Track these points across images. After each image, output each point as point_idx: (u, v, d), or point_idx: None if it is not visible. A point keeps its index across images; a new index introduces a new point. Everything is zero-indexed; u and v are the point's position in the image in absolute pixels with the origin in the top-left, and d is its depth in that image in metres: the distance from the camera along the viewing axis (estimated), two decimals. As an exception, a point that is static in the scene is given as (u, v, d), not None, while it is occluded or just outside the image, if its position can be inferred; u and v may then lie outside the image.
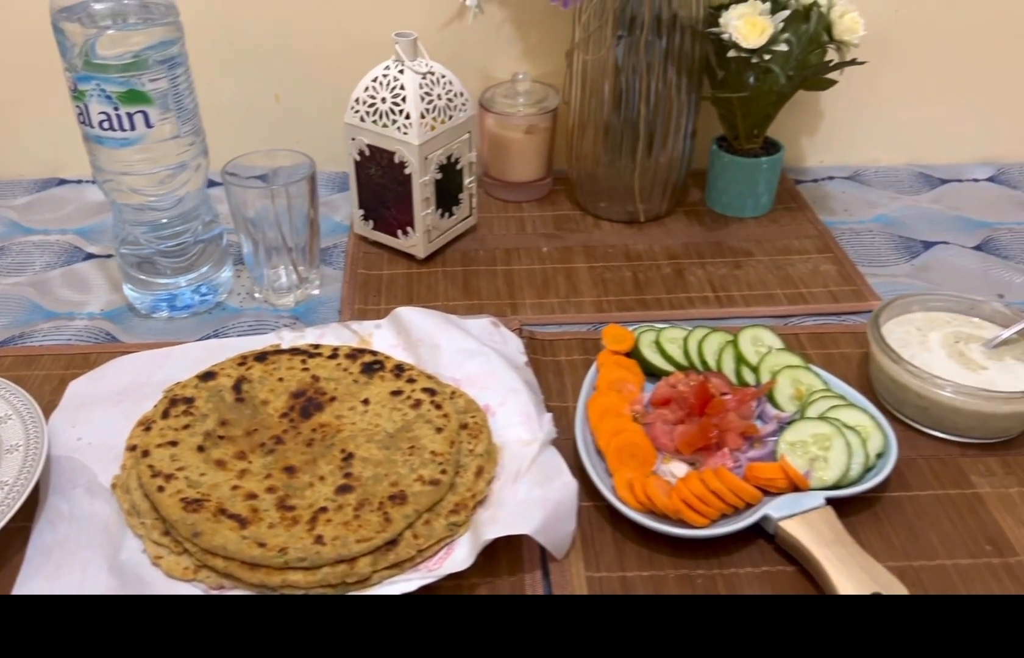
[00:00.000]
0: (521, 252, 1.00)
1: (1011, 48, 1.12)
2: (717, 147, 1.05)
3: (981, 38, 1.12)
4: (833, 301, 0.91)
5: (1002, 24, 1.11)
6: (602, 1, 0.93)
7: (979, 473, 0.71)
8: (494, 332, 0.82)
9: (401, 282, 0.95)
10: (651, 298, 0.92)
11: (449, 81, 0.93)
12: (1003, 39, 1.12)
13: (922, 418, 0.74)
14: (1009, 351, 0.77)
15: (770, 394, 0.74)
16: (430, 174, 0.92)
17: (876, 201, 1.10)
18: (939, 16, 1.10)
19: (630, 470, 0.68)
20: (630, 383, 0.76)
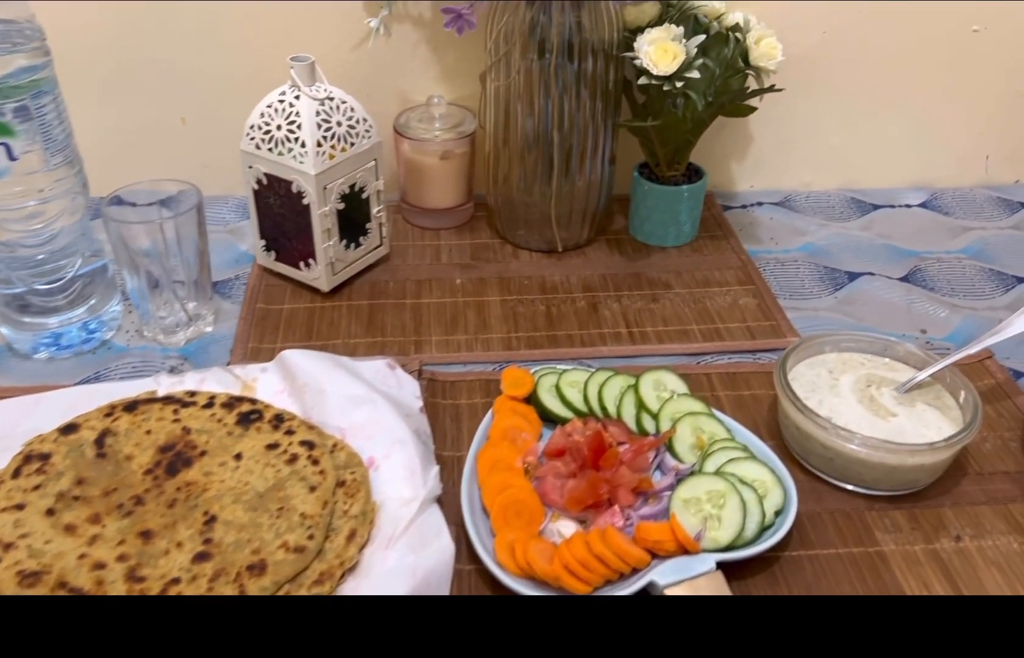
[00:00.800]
0: (433, 284, 0.96)
1: (944, 71, 1.10)
2: (638, 174, 1.02)
3: (913, 60, 1.09)
4: (749, 337, 0.88)
5: (934, 46, 1.08)
6: (511, 23, 0.89)
7: (884, 528, 0.67)
8: (389, 375, 0.78)
9: (302, 317, 0.90)
10: (562, 334, 0.88)
11: (350, 107, 0.88)
12: (936, 62, 1.09)
13: (828, 469, 0.70)
14: (922, 395, 0.74)
15: (670, 443, 0.71)
16: (331, 204, 0.88)
17: (804, 228, 1.07)
18: (868, 39, 1.07)
19: (515, 530, 0.64)
20: (525, 432, 0.72)
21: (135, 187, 0.83)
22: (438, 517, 0.65)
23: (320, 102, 0.86)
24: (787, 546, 0.65)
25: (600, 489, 0.65)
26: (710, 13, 0.97)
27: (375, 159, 0.92)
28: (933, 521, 0.68)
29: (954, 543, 0.66)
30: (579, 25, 0.89)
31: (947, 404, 0.73)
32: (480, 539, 0.63)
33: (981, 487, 0.71)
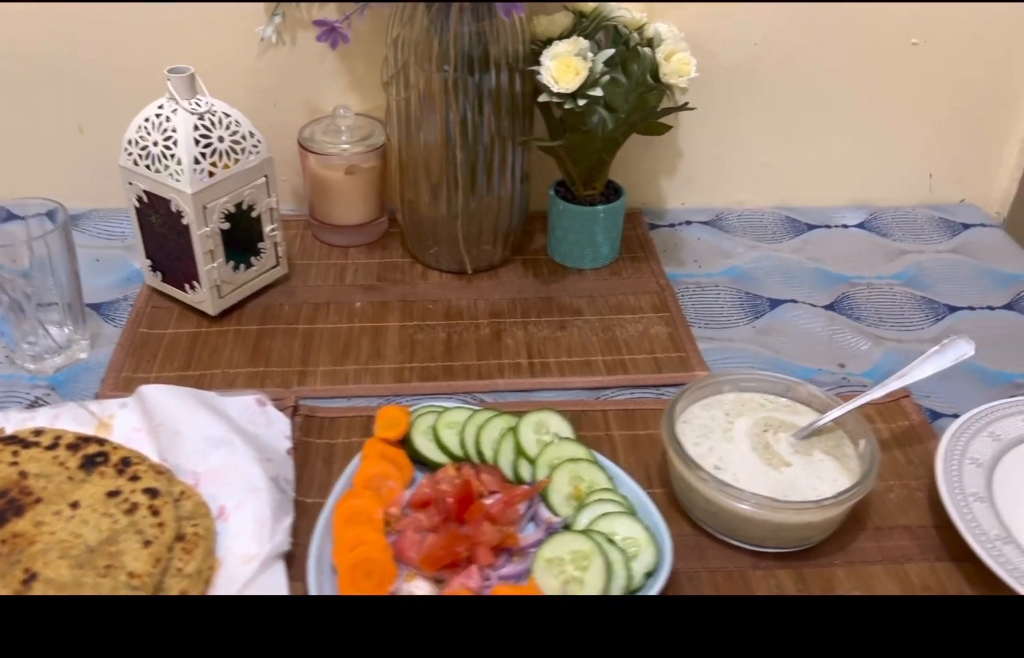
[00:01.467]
0: (331, 307, 0.91)
1: (883, 85, 1.05)
2: (554, 193, 0.96)
3: (851, 74, 1.04)
4: (656, 370, 0.83)
5: (872, 59, 1.03)
6: (407, 32, 0.84)
7: (768, 589, 0.62)
8: (258, 412, 0.73)
9: (184, 344, 0.85)
10: (459, 365, 0.83)
11: (235, 120, 0.83)
12: (875, 76, 1.04)
13: (713, 523, 0.66)
14: (821, 442, 0.69)
15: (545, 493, 0.66)
16: (213, 224, 0.83)
17: (731, 250, 1.02)
18: (802, 51, 1.02)
19: (364, 592, 0.59)
20: (392, 479, 0.67)
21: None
22: (279, 577, 0.60)
23: (199, 116, 0.81)
24: (658, 611, 0.60)
25: (457, 547, 0.60)
26: (630, 24, 0.92)
27: (265, 175, 0.87)
28: (821, 582, 0.63)
29: (841, 609, 0.61)
30: (480, 36, 0.84)
31: (846, 453, 0.68)
32: (322, 602, 0.58)
33: (878, 543, 0.66)
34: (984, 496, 0.65)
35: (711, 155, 1.08)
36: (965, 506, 0.64)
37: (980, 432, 0.71)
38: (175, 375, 0.81)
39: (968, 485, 0.66)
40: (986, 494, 0.65)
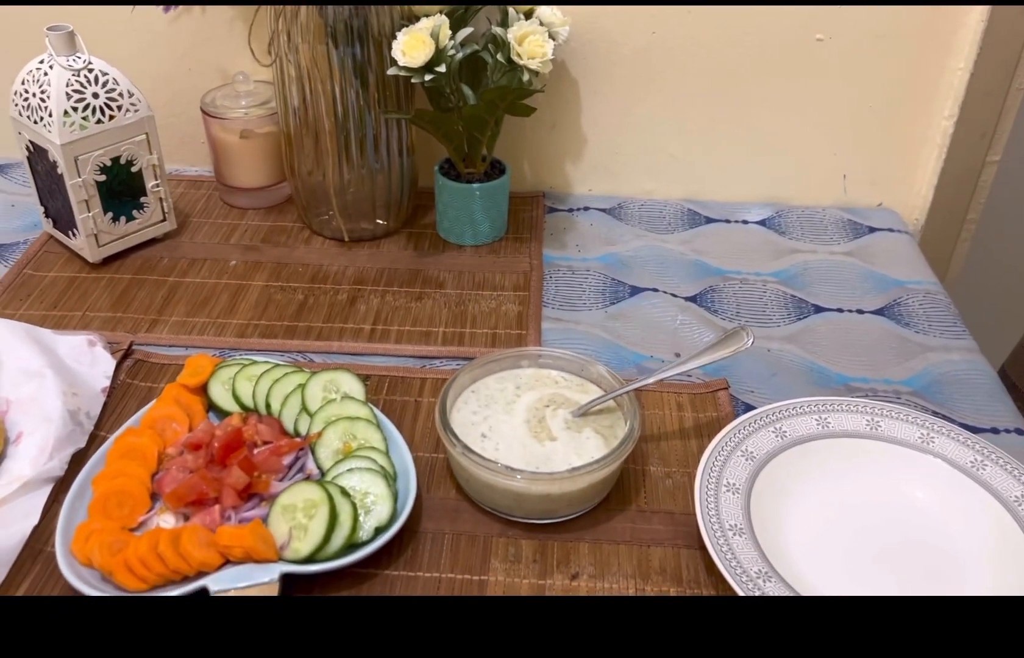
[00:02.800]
0: (207, 264, 0.95)
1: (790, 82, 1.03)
2: (438, 170, 0.99)
3: (756, 70, 1.02)
4: (490, 345, 0.84)
5: (777, 54, 1.01)
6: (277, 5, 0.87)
7: (505, 557, 0.64)
8: (85, 351, 0.78)
9: (60, 286, 0.91)
10: (303, 326, 0.87)
11: (113, 79, 0.88)
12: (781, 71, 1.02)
13: (468, 489, 0.68)
14: (595, 421, 0.70)
15: (314, 448, 0.68)
16: (86, 176, 0.88)
17: (616, 238, 1.02)
18: (705, 44, 1.01)
19: (112, 520, 0.63)
20: (176, 422, 0.71)
21: None
22: (39, 500, 0.64)
23: (75, 72, 0.86)
24: (386, 565, 0.63)
25: (203, 487, 0.64)
26: (520, 7, 0.93)
27: (146, 133, 0.91)
28: (561, 555, 0.64)
29: (568, 581, 0.63)
30: (357, 8, 0.87)
31: (616, 434, 0.69)
32: (68, 523, 0.62)
33: (634, 524, 0.67)
34: (740, 488, 0.65)
35: (618, 143, 1.09)
36: (714, 495, 0.64)
37: (766, 426, 0.71)
38: (39, 314, 0.86)
39: (727, 476, 0.66)
40: (743, 486, 0.65)
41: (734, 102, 1.05)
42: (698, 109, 1.06)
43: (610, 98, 1.05)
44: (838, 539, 0.65)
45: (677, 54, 1.02)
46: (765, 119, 1.06)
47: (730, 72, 1.02)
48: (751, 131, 1.07)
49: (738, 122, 1.06)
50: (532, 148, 1.09)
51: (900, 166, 1.08)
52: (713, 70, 1.02)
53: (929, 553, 0.64)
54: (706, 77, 1.03)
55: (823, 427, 0.72)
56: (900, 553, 0.64)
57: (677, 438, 0.75)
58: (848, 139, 1.07)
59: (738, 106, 1.05)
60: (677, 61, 1.03)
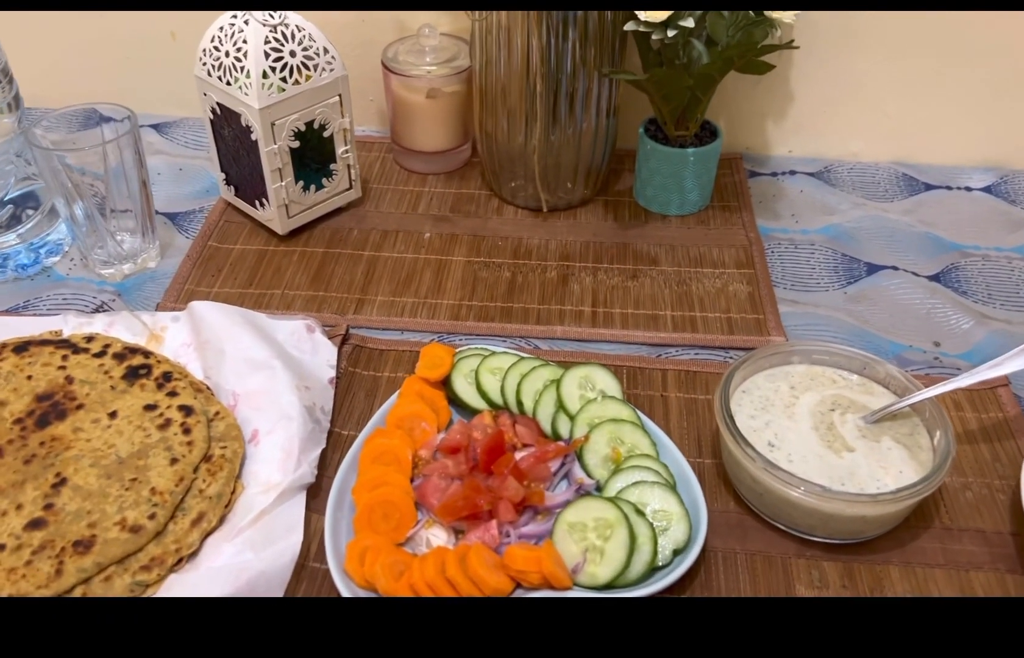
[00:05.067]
0: (399, 236, 0.89)
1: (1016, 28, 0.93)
2: (644, 132, 0.91)
3: (985, 16, 0.92)
4: (727, 332, 0.77)
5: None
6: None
7: (809, 582, 0.57)
8: (305, 338, 0.72)
9: (250, 260, 0.85)
10: (519, 307, 0.80)
11: (309, 35, 0.81)
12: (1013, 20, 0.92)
13: (759, 503, 0.61)
14: (893, 429, 0.62)
15: (580, 453, 0.62)
16: (282, 141, 0.82)
17: (835, 206, 0.94)
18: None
19: (380, 534, 0.58)
20: (425, 421, 0.65)
21: (68, 109, 0.78)
22: (298, 510, 0.59)
23: (271, 28, 0.79)
24: (679, 589, 0.57)
25: (478, 500, 0.58)
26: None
27: (339, 94, 0.85)
28: (871, 581, 0.58)
29: (890, 615, 0.55)
30: (570, -45, 0.79)
31: (920, 443, 0.61)
32: (335, 540, 0.57)
33: (944, 545, 0.60)
34: (1074, 510, 0.58)
35: (824, 100, 1.00)
36: (1049, 519, 0.57)
37: (1082, 436, 0.62)
38: (236, 292, 0.81)
39: (1057, 495, 0.58)
40: (1076, 508, 0.58)
41: (958, 53, 0.96)
42: (919, 61, 0.96)
43: (818, 50, 0.96)
44: None
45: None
46: (992, 72, 0.96)
47: (956, 20, 0.93)
48: (974, 85, 0.97)
49: (960, 75, 0.97)
50: (731, 105, 1.00)
51: None
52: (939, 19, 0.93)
53: None
54: (930, 27, 0.94)
55: None
56: None
57: (964, 443, 0.67)
58: (1081, 96, 0.96)
59: (962, 58, 0.96)
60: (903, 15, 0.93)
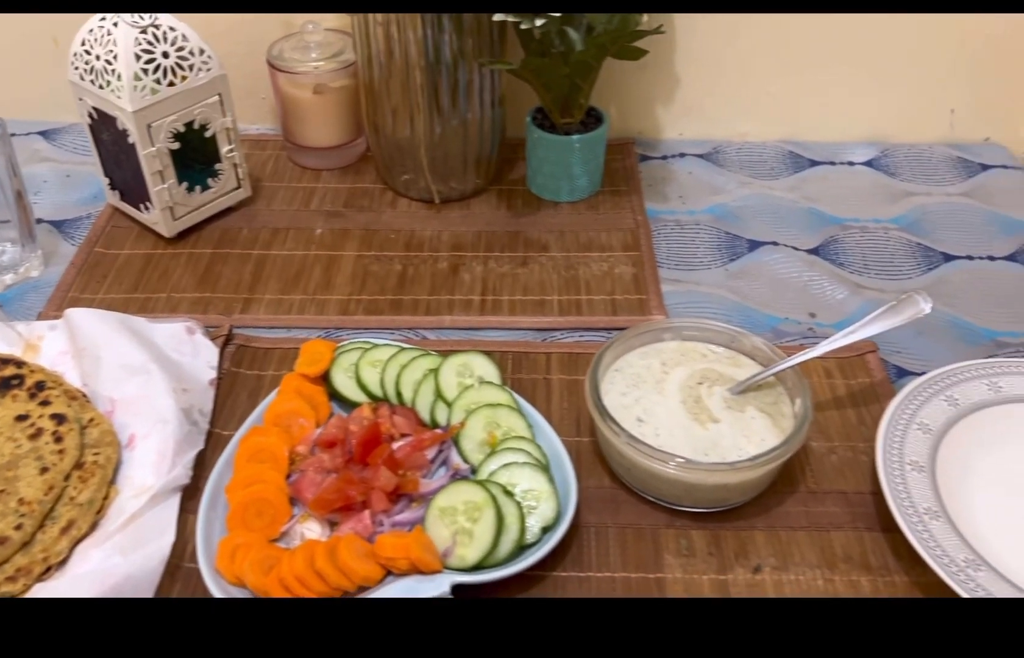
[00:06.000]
0: (290, 233, 0.89)
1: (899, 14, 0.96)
2: (531, 121, 0.92)
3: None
4: (611, 313, 0.79)
5: None
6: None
7: (677, 551, 0.59)
8: (186, 340, 0.72)
9: (137, 265, 0.84)
10: (409, 300, 0.81)
11: (182, 35, 0.81)
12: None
13: (628, 477, 0.62)
14: (758, 398, 0.64)
15: (458, 439, 0.63)
16: (161, 143, 0.81)
17: (721, 186, 0.96)
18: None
19: (254, 531, 0.58)
20: (303, 417, 0.65)
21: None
22: (170, 512, 0.59)
23: (142, 30, 0.78)
24: (552, 566, 0.58)
25: (350, 491, 0.58)
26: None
27: (219, 93, 0.84)
28: (736, 546, 0.60)
29: (750, 575, 0.58)
30: (446, -53, 0.79)
31: (783, 411, 0.63)
32: (208, 539, 0.57)
33: (808, 508, 0.62)
34: (924, 465, 0.60)
35: (711, 83, 1.02)
36: (900, 474, 0.59)
37: (937, 395, 0.65)
38: (120, 297, 0.80)
39: (909, 452, 0.61)
40: (927, 464, 0.60)
41: (839, 34, 0.98)
42: (801, 42, 0.99)
43: (704, 34, 0.98)
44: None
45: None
46: (871, 52, 0.99)
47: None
48: (855, 65, 1.00)
49: (842, 55, 0.99)
50: (620, 92, 1.02)
51: (1007, 99, 1.02)
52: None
53: None
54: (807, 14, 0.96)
55: (995, 392, 0.66)
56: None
57: (832, 408, 0.70)
58: (955, 72, 1.00)
59: (843, 38, 0.99)
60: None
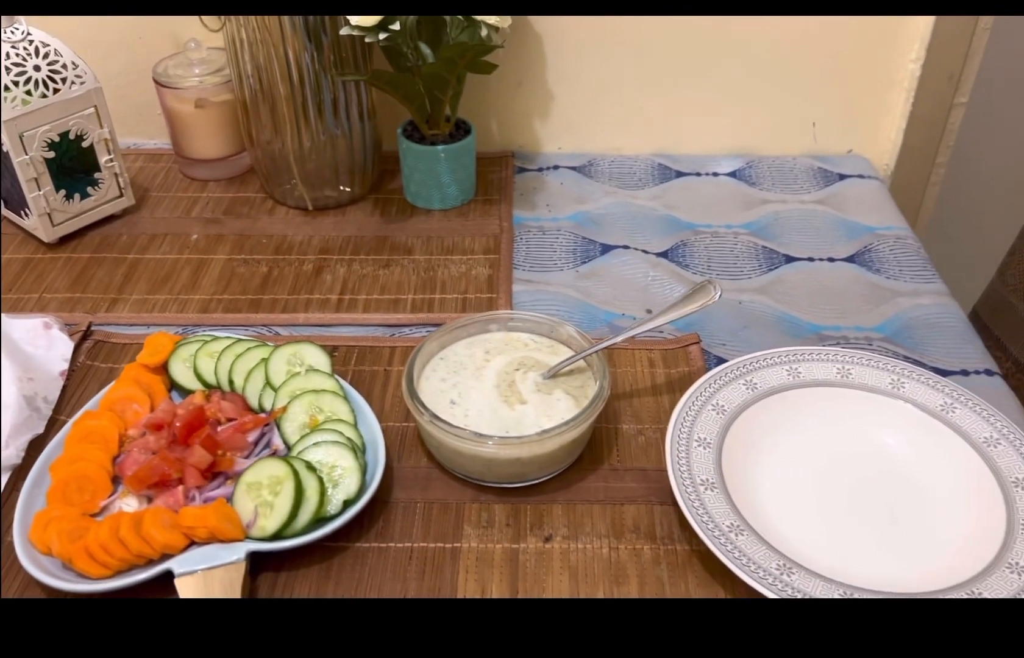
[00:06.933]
0: (168, 239, 0.93)
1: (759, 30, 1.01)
2: (401, 132, 0.97)
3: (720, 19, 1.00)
4: (460, 310, 0.83)
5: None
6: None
7: (478, 523, 0.63)
8: (41, 334, 0.76)
9: (14, 269, 0.88)
10: (268, 299, 0.85)
11: (55, 50, 0.85)
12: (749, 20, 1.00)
13: (438, 456, 0.66)
14: (567, 383, 0.69)
15: (280, 422, 0.67)
16: (34, 152, 0.85)
17: (587, 196, 1.01)
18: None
19: (73, 506, 0.61)
20: (137, 402, 0.69)
21: None
22: (-11, 491, 0.62)
23: (12, 45, 0.83)
24: (357, 538, 0.62)
25: (165, 468, 0.62)
26: (477, -39, 0.91)
27: (95, 105, 0.89)
28: (534, 518, 0.64)
29: (542, 543, 0.62)
30: (310, -30, 0.84)
31: (587, 394, 0.68)
32: (26, 512, 0.61)
33: (607, 483, 0.66)
34: (711, 442, 0.65)
35: (586, 100, 1.07)
36: (685, 449, 0.64)
37: (737, 379, 0.70)
38: (-9, 298, 0.84)
39: (698, 430, 0.65)
40: (715, 441, 0.65)
41: (702, 53, 1.04)
42: (666, 62, 1.04)
43: (577, 53, 1.03)
44: (810, 488, 0.65)
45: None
46: (734, 69, 1.04)
47: (697, 25, 1.01)
48: (720, 83, 1.05)
49: (706, 74, 1.05)
50: (499, 107, 1.07)
51: (869, 112, 1.07)
52: (680, 23, 1.01)
53: (900, 497, 0.64)
54: (673, 30, 1.01)
55: (794, 377, 0.71)
56: (871, 499, 0.64)
57: (649, 395, 0.74)
58: (816, 86, 1.06)
59: (707, 57, 1.04)
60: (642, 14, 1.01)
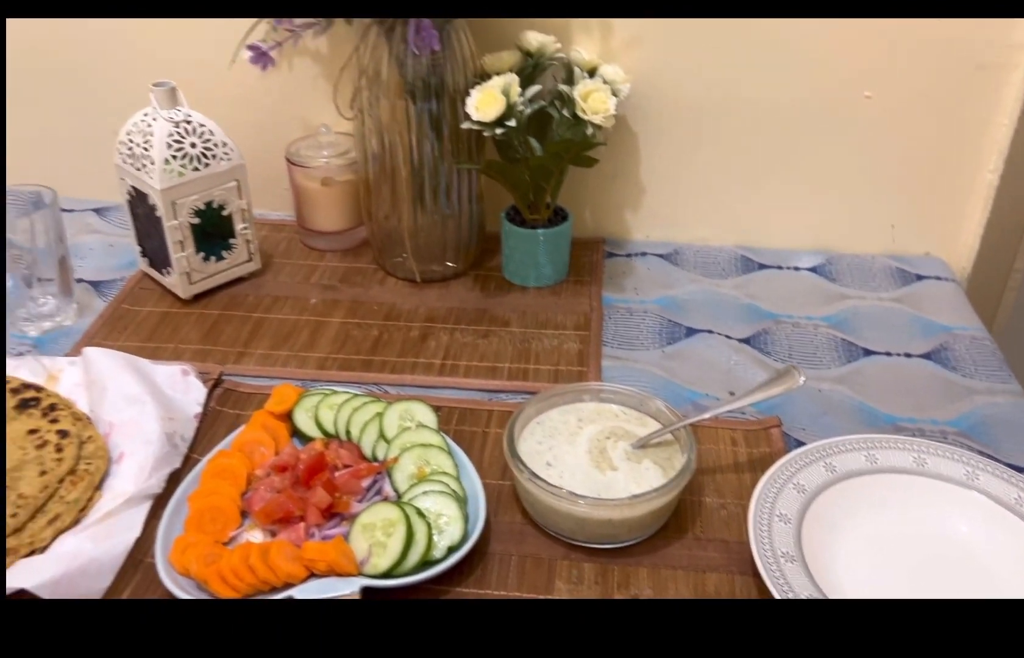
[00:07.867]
0: (289, 301, 1.02)
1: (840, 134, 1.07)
2: (504, 216, 1.05)
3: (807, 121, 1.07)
4: (552, 380, 0.89)
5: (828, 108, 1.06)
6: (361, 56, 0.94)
7: (568, 579, 0.69)
8: (179, 380, 0.85)
9: (153, 320, 0.98)
10: (378, 360, 0.93)
11: (209, 130, 0.96)
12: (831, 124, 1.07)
13: (533, 513, 0.72)
14: (654, 454, 0.74)
15: (391, 472, 0.74)
16: (183, 218, 0.96)
17: (673, 282, 1.07)
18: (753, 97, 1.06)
19: (206, 534, 0.69)
20: (263, 446, 0.77)
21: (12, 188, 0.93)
22: (140, 514, 0.71)
23: (175, 124, 0.94)
24: (457, 583, 0.68)
25: (290, 505, 0.69)
26: (582, 64, 1.00)
27: (237, 180, 0.99)
28: (621, 578, 0.69)
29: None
30: (434, 66, 0.93)
31: (674, 465, 0.73)
32: (167, 537, 0.68)
33: (691, 552, 0.71)
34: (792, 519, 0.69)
35: (675, 192, 1.14)
36: (767, 524, 0.68)
37: (817, 461, 0.74)
38: (135, 345, 0.94)
39: (780, 506, 0.70)
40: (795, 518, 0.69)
41: (786, 154, 1.10)
42: (752, 161, 1.10)
43: (668, 149, 1.10)
44: (884, 567, 0.69)
45: (731, 108, 1.07)
46: (816, 170, 1.10)
47: (782, 127, 1.07)
48: (802, 181, 1.11)
49: (790, 173, 1.10)
50: (594, 196, 1.14)
51: (946, 217, 1.11)
52: (766, 125, 1.07)
53: (972, 584, 0.67)
54: (759, 131, 1.08)
55: (871, 463, 0.75)
56: (942, 582, 0.67)
57: (731, 472, 0.79)
58: (896, 190, 1.10)
59: (790, 158, 1.10)
60: (731, 115, 1.08)
